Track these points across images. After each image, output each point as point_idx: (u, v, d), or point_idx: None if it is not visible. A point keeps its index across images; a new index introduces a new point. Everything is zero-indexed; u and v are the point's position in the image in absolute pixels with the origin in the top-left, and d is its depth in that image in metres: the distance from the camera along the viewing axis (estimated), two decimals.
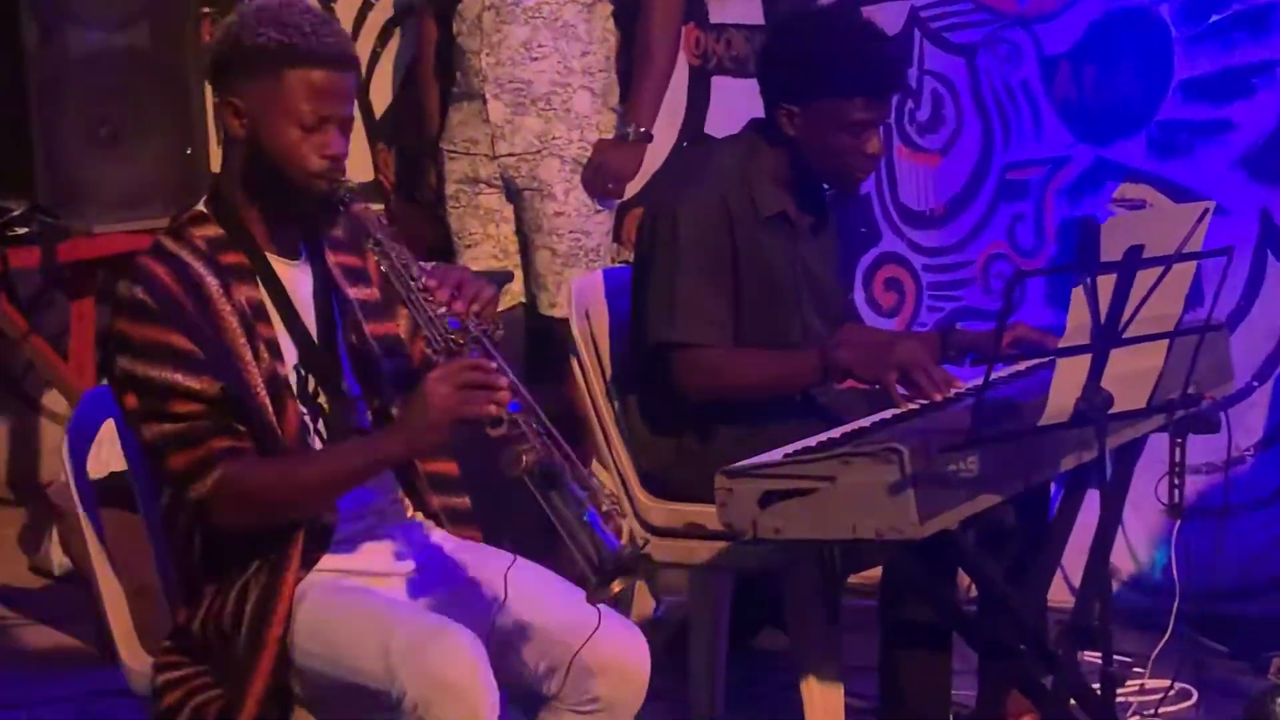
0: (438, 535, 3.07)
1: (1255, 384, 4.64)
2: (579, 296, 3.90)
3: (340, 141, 2.90)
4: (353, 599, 2.89)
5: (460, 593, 2.97)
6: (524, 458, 2.71)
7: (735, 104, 4.94)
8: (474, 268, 4.73)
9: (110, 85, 4.90)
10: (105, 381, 2.96)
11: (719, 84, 5.14)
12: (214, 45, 2.96)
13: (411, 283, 2.85)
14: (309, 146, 2.87)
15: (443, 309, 2.83)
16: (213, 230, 2.92)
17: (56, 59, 4.82)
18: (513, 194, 4.83)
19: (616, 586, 2.73)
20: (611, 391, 3.87)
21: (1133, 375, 3.06)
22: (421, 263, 2.90)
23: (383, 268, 2.89)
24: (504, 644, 2.90)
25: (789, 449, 3.10)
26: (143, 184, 4.93)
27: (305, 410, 2.92)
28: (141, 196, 4.92)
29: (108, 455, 3.42)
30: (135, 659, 3.06)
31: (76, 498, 3.08)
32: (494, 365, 2.77)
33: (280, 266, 2.96)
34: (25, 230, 4.72)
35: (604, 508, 2.73)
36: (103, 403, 3.04)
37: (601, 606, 2.79)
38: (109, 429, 3.09)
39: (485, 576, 2.96)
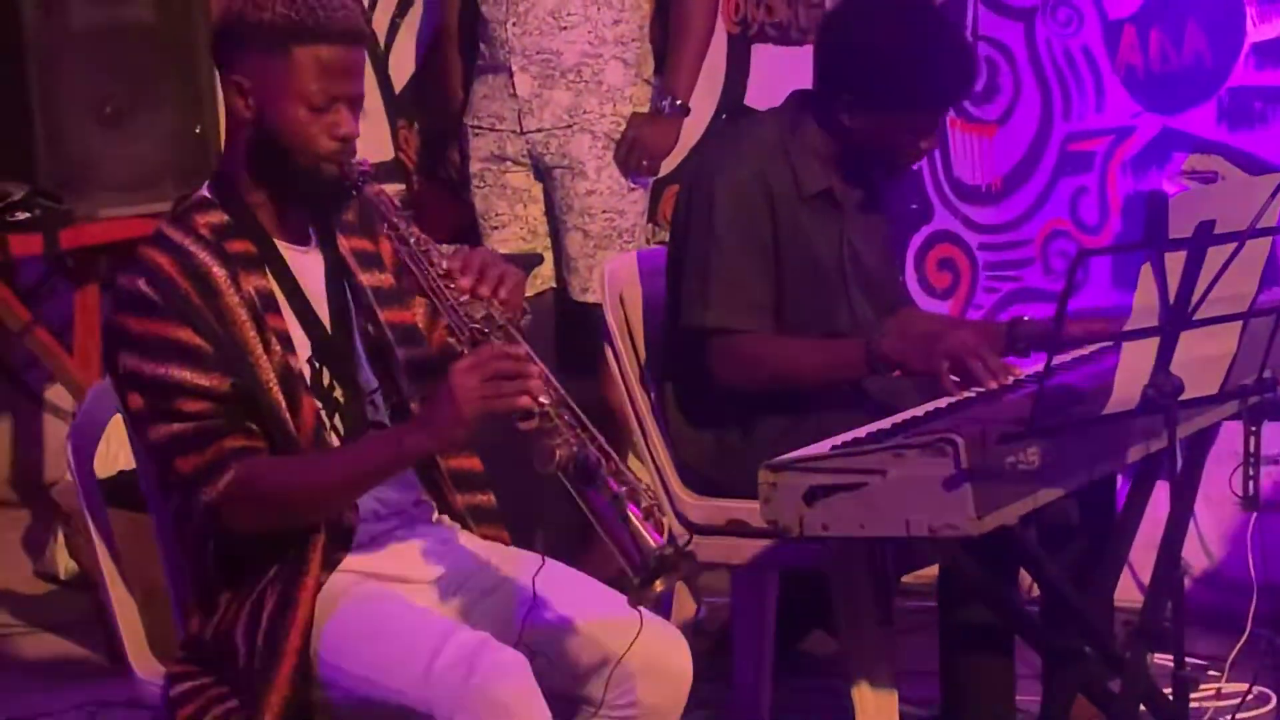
0: (464, 538, 3.07)
1: None
2: (612, 280, 3.90)
3: (351, 121, 2.89)
4: (385, 610, 2.88)
5: (488, 598, 2.97)
6: (558, 452, 2.70)
7: (777, 74, 4.93)
8: (501, 250, 4.75)
9: (114, 61, 4.91)
10: (110, 379, 2.96)
11: (759, 52, 5.13)
12: (217, 21, 2.96)
13: (431, 269, 2.85)
14: (318, 127, 2.87)
15: (466, 296, 2.83)
16: (217, 216, 2.92)
17: (57, 34, 4.82)
18: (541, 172, 4.83)
19: (659, 587, 2.73)
20: (647, 381, 3.87)
21: (1204, 359, 3.05)
22: (441, 246, 2.89)
23: (400, 253, 2.89)
24: (536, 650, 2.89)
25: (836, 441, 3.10)
26: (150, 165, 4.94)
27: (320, 405, 2.92)
28: (149, 178, 4.92)
29: (115, 452, 3.44)
30: (147, 668, 3.07)
31: (82, 498, 3.09)
32: (523, 353, 2.76)
33: (290, 254, 2.96)
34: (26, 215, 4.72)
35: (643, 504, 2.73)
36: (109, 397, 3.05)
37: (641, 608, 2.79)
38: (117, 425, 3.09)
39: (513, 581, 2.96)
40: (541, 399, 2.72)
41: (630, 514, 2.70)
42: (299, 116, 2.87)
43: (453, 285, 2.83)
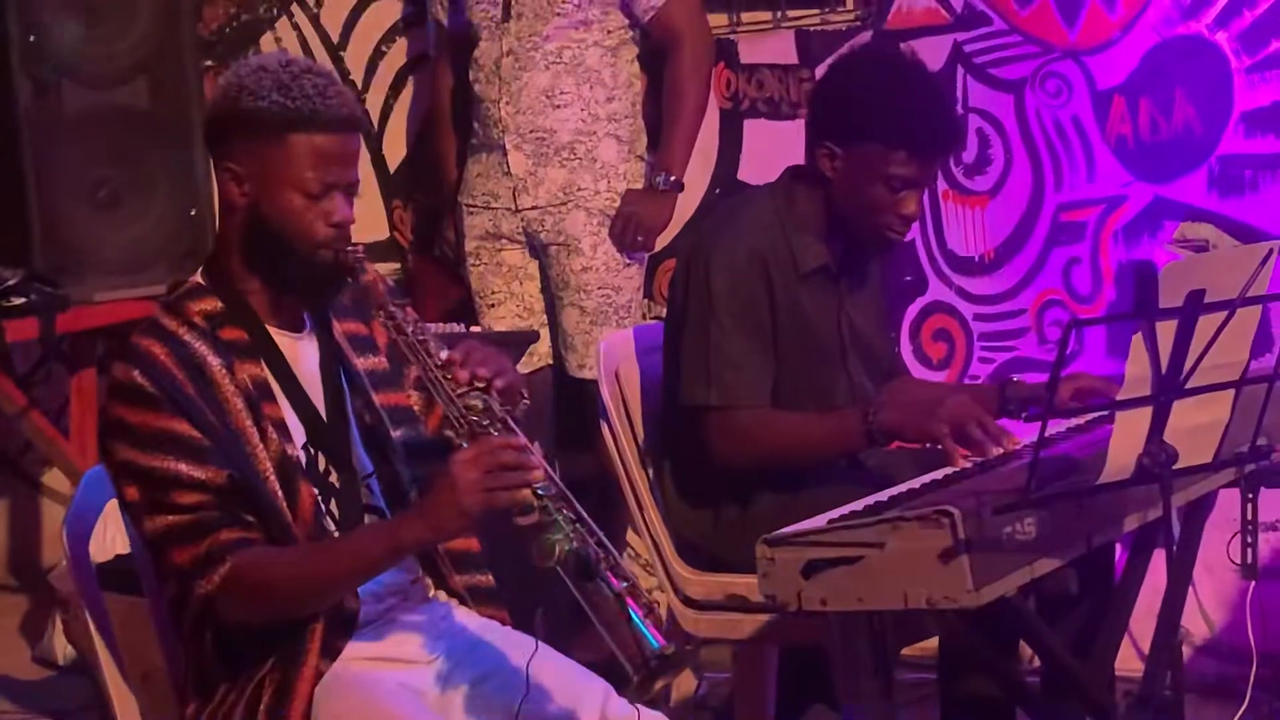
0: (461, 615, 3.07)
1: None
2: (608, 356, 3.91)
3: (346, 208, 2.90)
4: (380, 707, 2.85)
5: (485, 683, 2.96)
6: (557, 548, 2.69)
7: (770, 148, 4.97)
8: (497, 328, 4.76)
9: (109, 145, 4.93)
10: (105, 469, 2.95)
11: (752, 127, 5.16)
12: (212, 108, 2.95)
13: (429, 359, 2.84)
14: (314, 214, 2.87)
15: (464, 388, 2.82)
16: (211, 303, 2.92)
17: (52, 117, 4.84)
18: (537, 249, 4.85)
19: (659, 686, 2.73)
20: (645, 457, 3.88)
21: (1198, 428, 3.05)
22: (435, 325, 2.89)
23: (397, 343, 2.88)
24: None
25: (834, 514, 3.10)
26: (145, 248, 4.96)
27: (317, 491, 2.91)
28: (144, 261, 4.94)
29: (113, 537, 3.43)
30: None
31: (78, 583, 3.08)
32: (524, 445, 2.75)
33: (283, 340, 2.96)
34: (22, 300, 4.73)
35: (643, 600, 2.72)
36: (105, 482, 3.05)
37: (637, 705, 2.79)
38: (113, 509, 3.08)
39: (510, 667, 2.95)
40: (541, 492, 2.71)
41: (632, 612, 2.70)
42: (294, 204, 2.87)
43: (450, 376, 2.83)
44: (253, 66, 2.90)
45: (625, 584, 2.72)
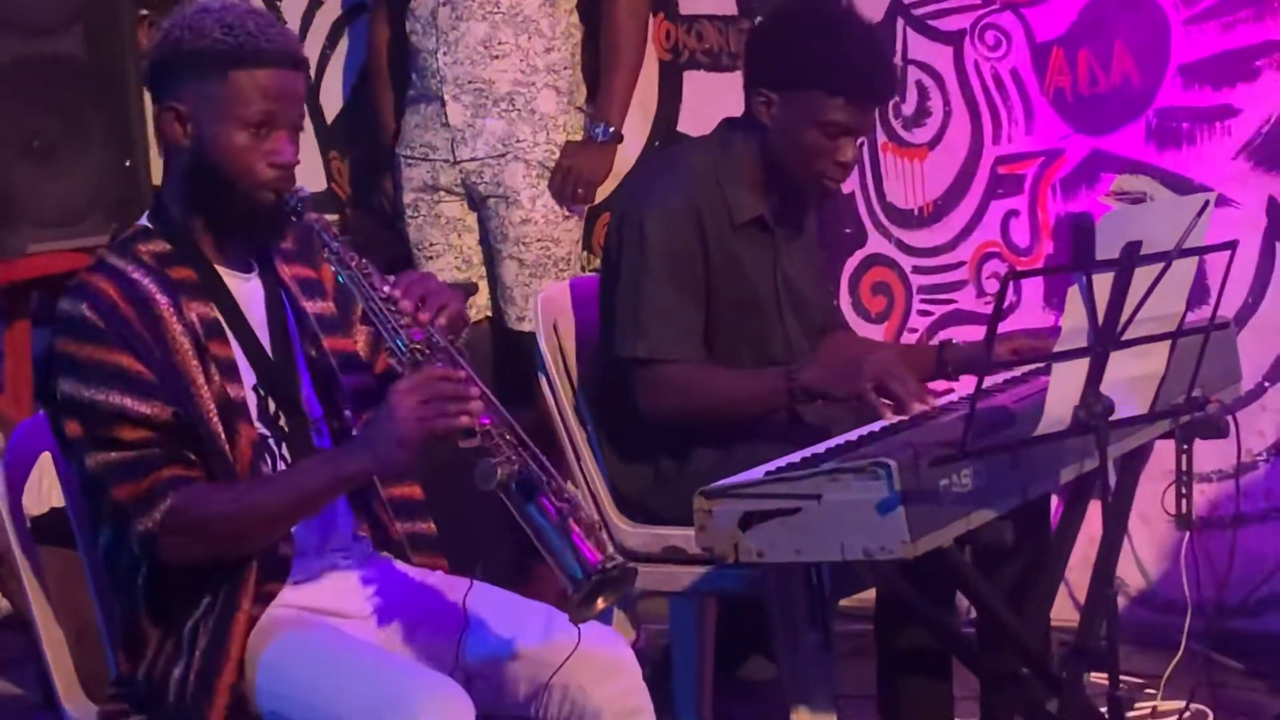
0: (400, 567, 3.06)
1: (1266, 385, 4.64)
2: (545, 308, 3.90)
3: (290, 148, 2.89)
4: (325, 645, 2.86)
5: (424, 626, 2.97)
6: (499, 470, 2.70)
7: (709, 100, 4.95)
8: None
9: (42, 95, 4.89)
10: (42, 407, 2.93)
11: (691, 79, 5.14)
12: (153, 49, 2.95)
13: (373, 292, 2.85)
14: (257, 154, 2.87)
15: (407, 319, 2.82)
16: (159, 245, 2.91)
17: None
18: (476, 201, 4.83)
19: (600, 604, 2.73)
20: (583, 409, 3.87)
21: (1134, 379, 3.06)
22: (382, 273, 2.89)
23: (341, 278, 2.88)
24: (475, 674, 2.90)
25: (770, 466, 3.10)
26: (79, 199, 4.92)
27: (268, 433, 2.91)
28: (78, 212, 4.91)
29: (47, 490, 3.41)
30: (78, 708, 3.04)
31: (12, 536, 3.06)
32: (463, 374, 2.75)
33: (232, 281, 2.95)
34: None
35: (584, 520, 2.73)
36: (40, 433, 3.02)
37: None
38: (48, 462, 3.07)
39: (448, 607, 2.95)
40: (483, 418, 2.71)
41: (572, 530, 2.71)
42: (237, 142, 2.86)
43: (394, 309, 2.83)
44: (195, 8, 2.91)
45: (566, 504, 2.73)
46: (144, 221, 2.96)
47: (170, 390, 2.80)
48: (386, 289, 2.85)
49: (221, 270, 2.94)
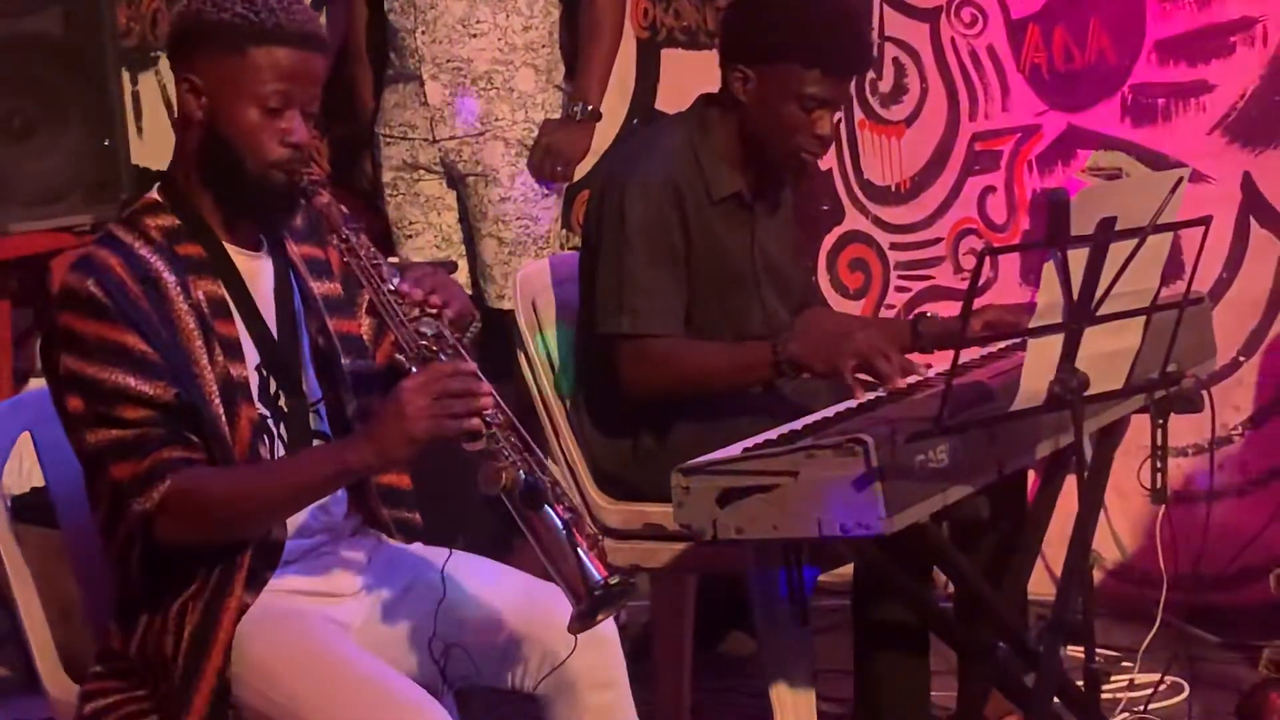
0: (385, 542, 3.06)
1: (1241, 359, 4.66)
2: (525, 286, 3.90)
3: (303, 129, 2.86)
4: (310, 641, 2.84)
5: (404, 597, 2.97)
6: (504, 475, 2.67)
7: (687, 78, 4.94)
8: (415, 259, 4.74)
9: (21, 74, 4.87)
10: (46, 381, 2.88)
11: (669, 57, 5.14)
12: (175, 20, 2.92)
13: (382, 284, 2.82)
14: (270, 132, 2.84)
15: (416, 313, 2.80)
16: (168, 219, 2.88)
17: None
18: (455, 180, 4.83)
19: (600, 618, 2.73)
20: (562, 387, 3.87)
21: (1109, 354, 3.07)
22: (390, 261, 2.88)
23: (350, 266, 2.86)
24: (454, 642, 2.90)
25: (748, 443, 3.10)
26: (59, 179, 4.90)
27: (267, 413, 2.89)
28: (57, 192, 4.88)
29: (28, 469, 3.40)
30: (60, 687, 3.04)
31: None
32: (473, 372, 2.73)
33: (240, 259, 2.92)
34: None
35: (588, 531, 2.71)
36: (20, 413, 3.03)
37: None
38: (28, 441, 3.07)
39: (427, 576, 2.94)
40: (490, 420, 2.70)
41: (577, 543, 2.68)
42: (251, 119, 2.84)
43: (402, 302, 2.81)
44: None
45: (571, 515, 2.71)
46: (154, 194, 2.92)
47: (174, 370, 2.78)
48: (396, 280, 2.83)
49: (230, 247, 2.91)
